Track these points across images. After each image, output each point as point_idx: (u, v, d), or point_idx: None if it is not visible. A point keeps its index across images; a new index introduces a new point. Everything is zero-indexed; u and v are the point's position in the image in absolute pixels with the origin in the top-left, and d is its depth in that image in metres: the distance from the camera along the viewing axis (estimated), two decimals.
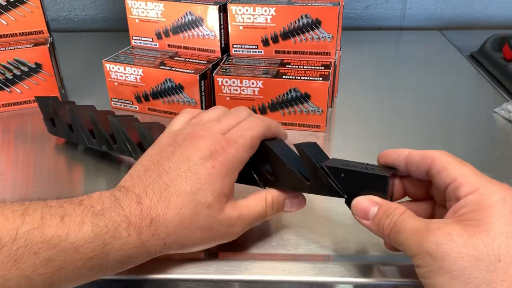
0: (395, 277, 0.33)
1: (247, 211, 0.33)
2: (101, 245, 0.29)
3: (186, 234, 0.31)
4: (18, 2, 0.59)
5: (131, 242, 0.30)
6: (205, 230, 0.32)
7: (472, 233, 0.26)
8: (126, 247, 0.30)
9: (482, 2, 0.94)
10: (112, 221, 0.29)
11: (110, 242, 0.29)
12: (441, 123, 0.57)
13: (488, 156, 0.50)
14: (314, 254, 0.36)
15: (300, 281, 0.34)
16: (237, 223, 0.33)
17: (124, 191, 0.32)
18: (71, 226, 0.28)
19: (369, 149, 0.51)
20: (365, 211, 0.31)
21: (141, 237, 0.30)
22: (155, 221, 0.30)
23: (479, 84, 0.69)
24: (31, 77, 0.60)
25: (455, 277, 0.25)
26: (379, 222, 0.30)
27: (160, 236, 0.31)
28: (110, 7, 0.96)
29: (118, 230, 0.29)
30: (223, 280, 0.34)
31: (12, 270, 0.26)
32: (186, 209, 0.31)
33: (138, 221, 0.30)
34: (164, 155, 0.33)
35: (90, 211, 0.29)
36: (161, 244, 0.31)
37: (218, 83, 0.54)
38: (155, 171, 0.32)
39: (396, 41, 0.91)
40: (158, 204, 0.31)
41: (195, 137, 0.33)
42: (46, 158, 0.50)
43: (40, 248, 0.27)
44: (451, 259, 0.25)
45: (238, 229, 0.33)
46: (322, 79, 0.52)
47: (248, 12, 0.56)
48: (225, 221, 0.32)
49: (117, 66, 0.58)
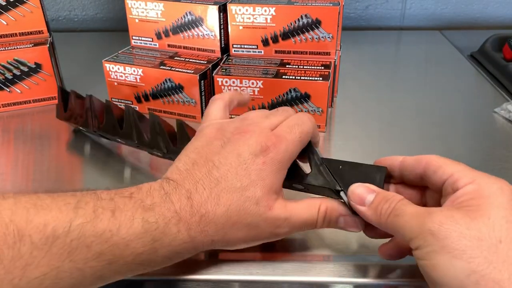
0: (395, 277, 0.33)
1: (296, 214, 0.32)
2: (151, 241, 0.29)
3: (233, 231, 0.31)
4: (18, 2, 0.58)
5: (180, 238, 0.30)
6: (251, 227, 0.31)
7: (474, 216, 0.26)
8: (175, 243, 0.30)
9: (482, 2, 0.94)
10: (163, 216, 0.29)
11: (160, 238, 0.29)
12: (441, 123, 0.57)
13: (488, 156, 0.50)
14: (314, 254, 0.36)
15: (300, 281, 0.34)
16: (283, 225, 0.32)
17: (173, 185, 0.31)
18: (122, 221, 0.28)
19: (369, 149, 0.51)
20: (361, 197, 0.31)
21: (190, 233, 0.30)
22: (205, 217, 0.30)
23: (479, 84, 0.69)
24: (31, 77, 0.60)
25: (457, 256, 0.25)
26: (377, 207, 0.30)
27: (209, 232, 0.31)
28: (110, 7, 0.96)
29: (168, 225, 0.29)
30: (223, 280, 0.34)
31: (65, 262, 0.27)
32: (234, 205, 0.31)
33: (188, 217, 0.30)
34: (212, 149, 0.33)
35: (140, 206, 0.29)
36: (209, 240, 0.31)
37: (218, 83, 0.54)
38: (204, 166, 0.32)
39: (396, 41, 0.91)
40: (208, 200, 0.31)
41: (244, 132, 0.33)
42: (46, 158, 0.50)
43: (92, 241, 0.27)
44: (454, 238, 0.26)
45: (283, 231, 0.32)
46: (322, 79, 0.52)
47: (248, 12, 0.56)
48: (272, 220, 0.31)
49: (117, 66, 0.57)
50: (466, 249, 0.25)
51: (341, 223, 0.33)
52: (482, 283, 0.25)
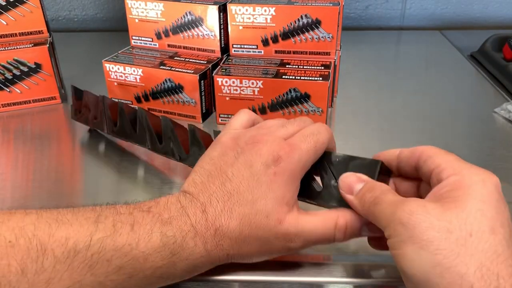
0: (395, 277, 0.33)
1: (310, 229, 0.31)
2: (170, 254, 0.29)
3: (246, 245, 0.31)
4: (17, 2, 0.58)
5: (198, 251, 0.30)
6: (262, 242, 0.31)
7: (447, 208, 0.26)
8: (193, 257, 0.30)
9: (482, 2, 0.94)
10: (180, 230, 0.30)
11: (178, 251, 0.29)
12: (441, 123, 0.57)
13: (488, 156, 0.50)
14: (314, 254, 0.36)
15: (300, 281, 0.34)
16: (295, 239, 0.31)
17: (189, 198, 0.31)
18: (141, 235, 0.29)
19: (369, 149, 0.50)
20: (350, 186, 0.31)
21: (207, 246, 0.30)
22: (219, 231, 0.30)
23: (479, 84, 0.69)
24: (30, 77, 0.60)
25: (424, 247, 0.25)
26: (362, 197, 0.30)
27: (224, 246, 0.31)
28: (109, 7, 0.96)
29: (185, 239, 0.30)
30: (223, 280, 0.34)
31: (87, 276, 0.27)
32: (246, 219, 0.30)
33: (204, 231, 0.30)
34: (227, 160, 0.32)
35: (158, 220, 0.30)
36: (225, 254, 0.31)
37: (218, 83, 0.54)
38: (218, 178, 0.32)
39: (396, 41, 0.91)
40: (222, 213, 0.30)
41: (258, 142, 0.33)
42: (46, 158, 0.50)
43: (112, 255, 0.28)
44: (422, 229, 0.25)
45: (296, 245, 0.31)
46: (322, 79, 0.52)
47: (248, 12, 0.56)
48: (283, 235, 0.30)
49: (116, 66, 0.57)
50: (433, 240, 0.25)
51: (365, 232, 0.32)
52: (446, 276, 0.24)
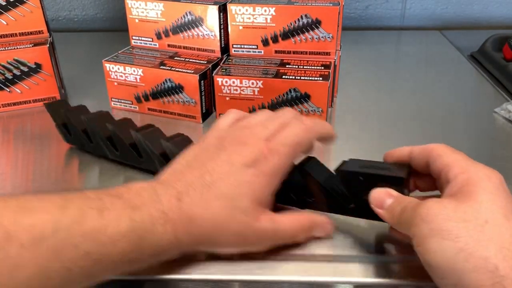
0: (395, 277, 0.33)
1: (283, 228, 0.34)
2: (138, 239, 0.29)
3: (219, 236, 0.32)
4: (17, 2, 0.58)
5: (167, 238, 0.30)
6: (238, 236, 0.32)
7: (461, 201, 0.28)
8: (162, 243, 0.30)
9: (482, 2, 0.94)
10: (150, 216, 0.30)
11: (146, 237, 0.29)
12: (441, 123, 0.57)
13: (488, 156, 0.50)
14: (314, 254, 0.36)
15: (300, 281, 0.34)
16: (269, 237, 0.33)
17: (165, 185, 0.32)
18: (109, 221, 0.29)
19: (369, 149, 0.51)
20: (381, 201, 0.33)
21: (177, 234, 0.31)
22: (193, 220, 0.31)
23: (479, 84, 0.69)
24: (31, 77, 0.60)
25: (445, 237, 0.27)
26: (392, 210, 0.32)
27: (195, 235, 0.31)
28: (110, 7, 0.96)
29: (155, 225, 0.30)
30: (223, 280, 0.34)
31: (53, 262, 0.27)
32: (223, 213, 0.31)
33: (176, 218, 0.30)
34: (209, 155, 0.34)
35: (129, 206, 0.30)
36: (195, 242, 0.32)
37: (218, 83, 0.54)
38: (198, 169, 0.33)
39: (396, 41, 0.91)
40: (198, 204, 0.31)
41: (239, 144, 0.34)
42: (46, 158, 0.50)
43: (80, 241, 0.27)
44: (440, 221, 0.27)
45: (269, 243, 0.34)
46: (322, 79, 0.52)
47: (248, 12, 0.56)
48: (259, 231, 0.33)
49: (117, 66, 0.57)
50: (452, 230, 0.27)
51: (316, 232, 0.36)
52: (471, 260, 0.26)
